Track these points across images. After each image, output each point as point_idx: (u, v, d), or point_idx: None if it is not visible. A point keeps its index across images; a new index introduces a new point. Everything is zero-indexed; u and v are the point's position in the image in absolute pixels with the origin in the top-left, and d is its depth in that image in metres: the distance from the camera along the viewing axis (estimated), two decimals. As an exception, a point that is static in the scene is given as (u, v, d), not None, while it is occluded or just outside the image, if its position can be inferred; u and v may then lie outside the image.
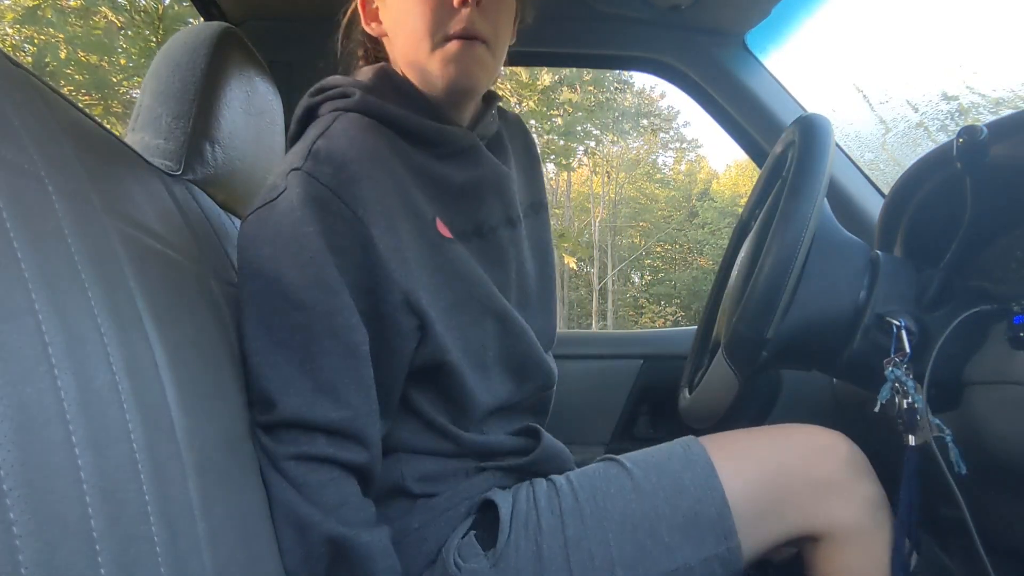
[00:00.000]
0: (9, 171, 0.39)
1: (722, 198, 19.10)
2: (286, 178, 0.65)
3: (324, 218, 0.63)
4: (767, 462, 0.71)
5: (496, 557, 0.65)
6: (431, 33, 0.69)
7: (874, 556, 0.69)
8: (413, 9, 0.70)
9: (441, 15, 0.69)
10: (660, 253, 19.54)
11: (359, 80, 0.75)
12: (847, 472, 0.71)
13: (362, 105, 0.71)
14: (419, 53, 0.71)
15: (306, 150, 0.66)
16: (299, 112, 0.75)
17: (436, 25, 0.69)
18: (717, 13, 1.28)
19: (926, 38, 10.37)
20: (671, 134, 20.49)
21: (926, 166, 0.84)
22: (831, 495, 0.70)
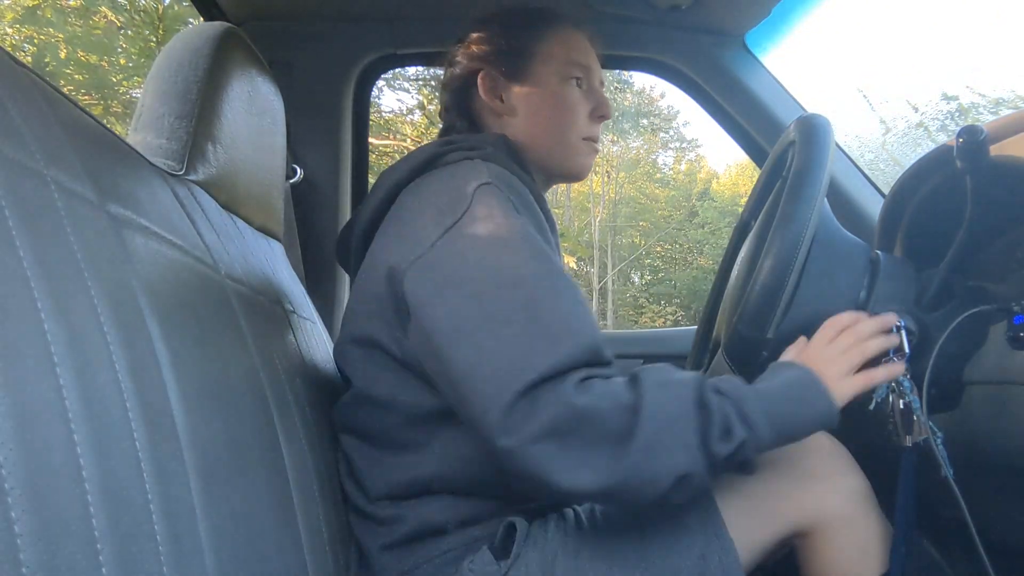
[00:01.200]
0: (11, 169, 0.39)
1: (722, 198, 19.10)
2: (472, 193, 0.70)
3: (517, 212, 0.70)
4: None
5: (507, 566, 0.68)
6: (575, 132, 0.88)
7: (863, 545, 0.72)
8: (562, 109, 0.87)
9: (583, 121, 0.88)
10: (660, 253, 19.54)
11: (484, 139, 0.84)
12: (830, 465, 0.74)
13: (494, 158, 0.78)
14: (557, 142, 0.88)
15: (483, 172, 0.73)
16: (424, 155, 0.80)
17: (580, 128, 0.88)
18: (717, 13, 1.28)
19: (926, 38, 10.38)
20: (671, 134, 20.50)
21: (926, 166, 0.84)
22: (817, 488, 0.73)
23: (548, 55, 0.87)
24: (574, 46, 0.89)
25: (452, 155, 0.79)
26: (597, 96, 0.90)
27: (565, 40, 0.89)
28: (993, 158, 0.68)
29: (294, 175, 1.35)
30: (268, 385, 0.67)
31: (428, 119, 7.99)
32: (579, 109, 0.87)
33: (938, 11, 10.50)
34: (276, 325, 0.79)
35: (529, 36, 0.88)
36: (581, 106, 0.88)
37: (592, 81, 0.90)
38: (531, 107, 0.87)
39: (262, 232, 0.94)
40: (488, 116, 0.89)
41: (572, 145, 0.88)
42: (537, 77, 0.87)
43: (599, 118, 0.89)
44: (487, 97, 0.88)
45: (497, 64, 0.88)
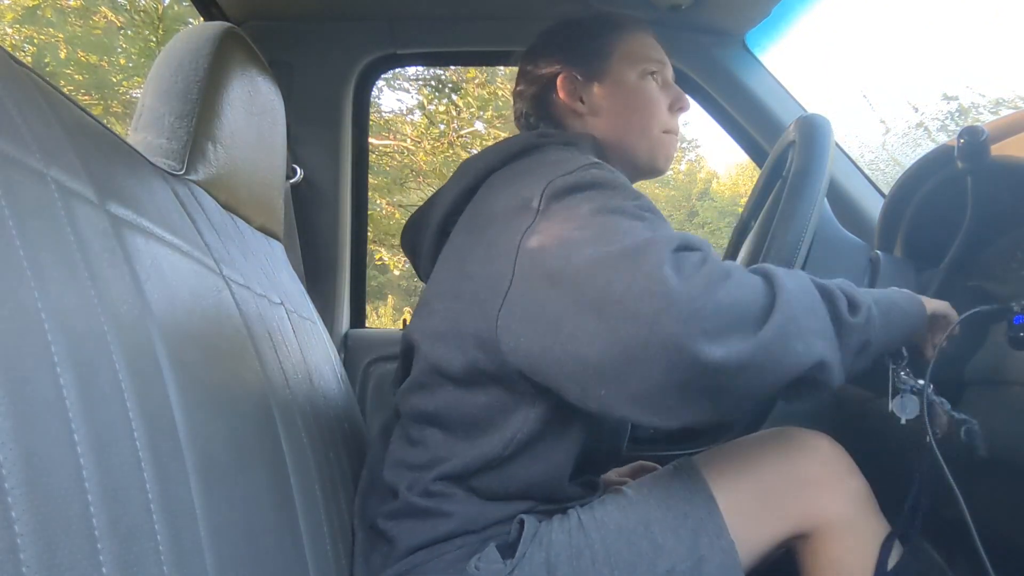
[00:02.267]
0: (11, 168, 0.39)
1: (722, 198, 19.08)
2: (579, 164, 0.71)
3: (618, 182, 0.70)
4: (751, 466, 0.75)
5: (513, 565, 0.68)
6: (657, 125, 0.89)
7: (862, 548, 0.72)
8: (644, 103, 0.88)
9: (664, 114, 0.89)
10: (660, 253, 19.49)
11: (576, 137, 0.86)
12: (829, 468, 0.74)
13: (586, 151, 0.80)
14: (640, 136, 0.89)
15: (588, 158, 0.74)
16: (518, 144, 0.81)
17: (661, 121, 0.89)
18: (717, 13, 1.28)
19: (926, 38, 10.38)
20: (671, 134, 20.47)
21: (926, 166, 0.84)
22: (817, 491, 0.73)
23: (625, 53, 0.89)
24: (647, 44, 0.91)
25: (549, 147, 0.80)
26: (674, 89, 0.92)
27: (638, 39, 0.91)
28: (993, 158, 0.68)
29: (294, 175, 1.35)
30: (268, 385, 0.67)
31: (428, 119, 8.00)
32: (659, 103, 0.90)
33: (938, 11, 10.49)
34: (276, 325, 0.79)
35: (604, 37, 0.90)
36: (661, 100, 0.90)
37: (667, 75, 0.92)
38: (613, 105, 0.88)
39: (262, 232, 0.94)
40: (570, 118, 0.90)
41: (656, 138, 0.89)
42: (616, 75, 0.89)
43: (678, 110, 0.91)
44: (568, 99, 0.89)
45: (576, 66, 0.90)
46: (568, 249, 0.62)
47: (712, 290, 0.56)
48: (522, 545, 0.69)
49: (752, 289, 0.59)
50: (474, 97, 7.21)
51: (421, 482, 0.73)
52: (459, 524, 0.72)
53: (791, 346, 0.58)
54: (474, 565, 0.69)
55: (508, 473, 0.72)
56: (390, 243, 7.43)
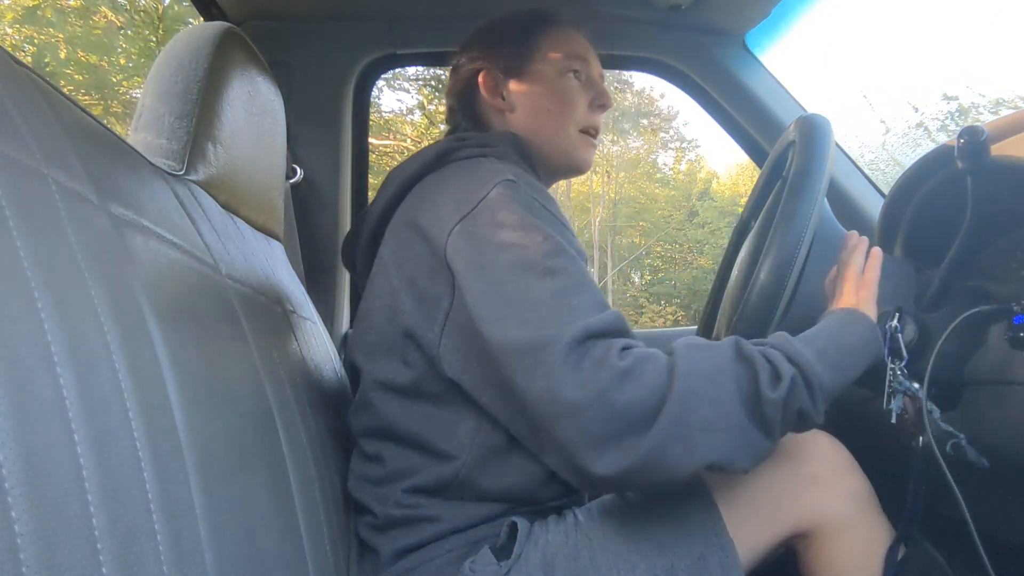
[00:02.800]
0: (11, 168, 0.39)
1: (722, 198, 19.08)
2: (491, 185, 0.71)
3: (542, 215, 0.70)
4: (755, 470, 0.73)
5: (508, 566, 0.68)
6: (574, 123, 0.89)
7: (864, 547, 0.72)
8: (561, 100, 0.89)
9: (582, 111, 0.90)
10: (660, 253, 19.52)
11: (494, 138, 0.86)
12: (830, 466, 0.74)
13: (502, 155, 0.80)
14: (557, 134, 0.89)
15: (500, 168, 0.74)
16: (435, 151, 0.82)
17: (579, 118, 0.89)
18: (717, 13, 1.28)
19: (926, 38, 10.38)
20: (671, 134, 20.48)
21: (926, 166, 0.84)
22: (817, 489, 0.72)
23: (545, 50, 0.90)
24: (570, 41, 0.91)
25: (464, 151, 0.80)
26: (596, 86, 0.92)
27: (561, 36, 0.91)
28: (994, 158, 0.68)
29: (294, 175, 1.35)
30: (268, 384, 0.67)
31: (428, 119, 8.00)
32: (578, 100, 0.90)
33: (938, 11, 10.47)
34: (276, 325, 0.79)
35: (527, 35, 0.91)
36: (580, 97, 0.90)
37: (591, 72, 0.92)
38: (531, 101, 0.89)
39: (262, 232, 0.94)
40: (492, 114, 0.91)
41: (572, 137, 0.90)
42: (535, 72, 0.89)
43: (599, 107, 0.92)
44: (488, 95, 0.90)
45: (497, 62, 0.90)
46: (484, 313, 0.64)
47: (605, 396, 0.58)
48: (517, 546, 0.69)
49: (648, 388, 0.59)
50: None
51: (391, 496, 0.73)
52: (444, 526, 0.72)
53: (671, 451, 0.58)
54: (468, 567, 0.69)
55: (479, 482, 0.72)
56: (390, 243, 7.39)
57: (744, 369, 0.61)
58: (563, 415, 0.59)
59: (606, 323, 0.62)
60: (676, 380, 0.59)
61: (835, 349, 0.66)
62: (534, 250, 0.66)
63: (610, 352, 0.60)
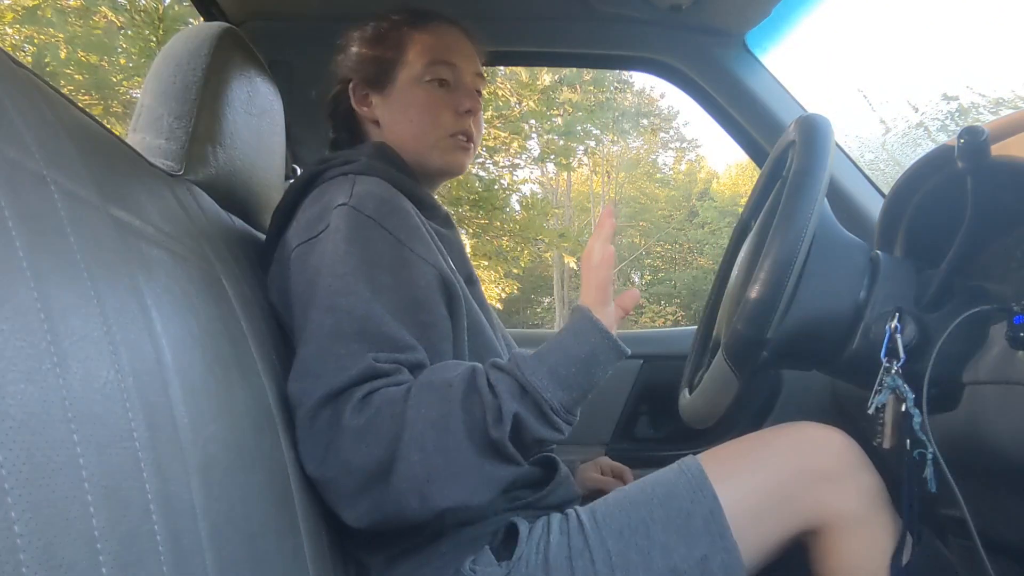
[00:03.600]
0: (11, 169, 0.39)
1: (722, 198, 19.08)
2: (331, 213, 0.73)
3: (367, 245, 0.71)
4: (761, 462, 0.74)
5: (509, 567, 0.68)
6: (439, 130, 0.88)
7: (875, 544, 0.71)
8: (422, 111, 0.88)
9: (447, 119, 0.88)
10: (660, 253, 19.53)
11: (359, 151, 0.85)
12: (842, 463, 0.73)
13: (369, 169, 0.80)
14: (423, 143, 0.88)
15: (348, 191, 0.75)
16: (301, 179, 0.83)
17: (444, 126, 0.88)
18: (717, 13, 1.28)
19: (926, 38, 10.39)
20: (671, 134, 20.48)
21: (926, 166, 0.84)
22: (828, 486, 0.72)
23: (409, 60, 0.89)
24: (439, 45, 0.89)
25: (328, 172, 0.81)
26: (460, 93, 0.89)
27: (428, 40, 0.89)
28: (994, 158, 0.68)
29: (294, 175, 1.35)
30: (268, 384, 0.67)
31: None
32: (441, 108, 0.88)
33: (938, 11, 10.47)
34: (275, 325, 0.79)
35: (390, 43, 0.90)
36: (443, 104, 0.88)
37: (460, 76, 0.90)
38: (394, 113, 0.89)
39: (261, 232, 0.94)
40: (365, 124, 0.92)
41: (438, 144, 0.89)
42: (397, 83, 0.89)
43: (465, 113, 0.89)
44: (357, 107, 0.91)
45: (362, 74, 0.90)
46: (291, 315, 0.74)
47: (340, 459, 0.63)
48: (519, 547, 0.69)
49: (381, 445, 0.63)
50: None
51: None
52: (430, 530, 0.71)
53: (407, 504, 0.63)
54: (469, 567, 0.69)
55: None
56: (390, 243, 7.39)
57: (473, 409, 0.64)
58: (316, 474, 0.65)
59: (352, 376, 0.65)
60: (405, 431, 0.62)
61: (567, 365, 0.66)
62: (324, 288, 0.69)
63: (344, 410, 0.64)
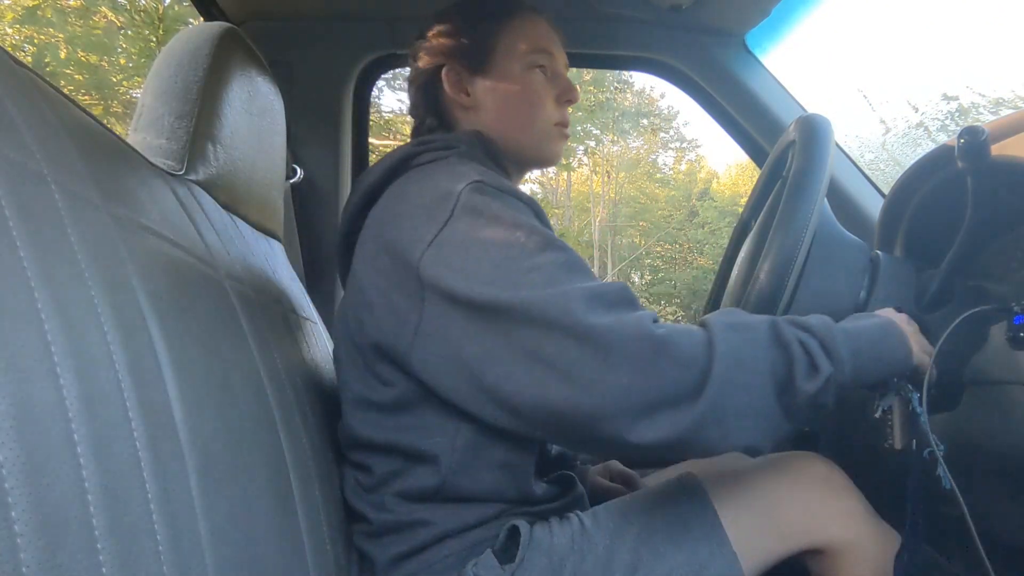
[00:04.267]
0: (12, 169, 0.39)
1: (722, 198, 19.07)
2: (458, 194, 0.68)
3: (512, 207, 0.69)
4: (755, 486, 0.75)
5: (512, 570, 0.68)
6: (544, 119, 0.87)
7: (872, 563, 0.72)
8: (527, 98, 0.86)
9: (551, 107, 0.88)
10: (660, 253, 19.52)
11: (457, 138, 0.83)
12: (827, 491, 0.74)
13: (468, 155, 0.79)
14: (527, 132, 0.87)
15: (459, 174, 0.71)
16: (397, 156, 0.80)
17: (549, 114, 0.87)
18: (717, 13, 1.28)
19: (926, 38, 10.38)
20: (671, 134, 20.47)
21: (926, 166, 0.84)
22: (817, 513, 0.73)
23: (510, 45, 0.87)
24: (535, 33, 0.88)
25: (425, 155, 0.79)
26: (562, 81, 0.89)
27: (526, 28, 0.88)
28: (994, 158, 0.68)
29: (294, 175, 1.35)
30: (268, 384, 0.67)
31: (428, 119, 8.00)
32: (544, 96, 0.87)
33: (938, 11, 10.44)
34: (276, 324, 0.79)
35: (489, 28, 0.88)
36: (547, 93, 0.88)
37: (556, 66, 0.90)
38: (497, 99, 0.87)
39: (262, 232, 0.94)
40: (456, 111, 0.88)
41: (542, 132, 0.88)
42: (500, 69, 0.87)
43: (566, 102, 0.89)
44: (452, 92, 0.87)
45: (460, 59, 0.87)
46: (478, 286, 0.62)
47: (644, 368, 0.57)
48: (521, 549, 0.69)
49: (687, 366, 0.58)
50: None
51: (384, 501, 0.73)
52: (437, 530, 0.71)
53: (707, 433, 0.58)
54: (471, 572, 0.69)
55: (465, 483, 0.71)
56: (390, 243, 7.40)
57: (780, 356, 0.61)
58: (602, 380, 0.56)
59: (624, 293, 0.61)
60: (715, 363, 0.58)
61: (869, 354, 0.65)
62: (519, 248, 0.64)
63: (643, 320, 0.59)
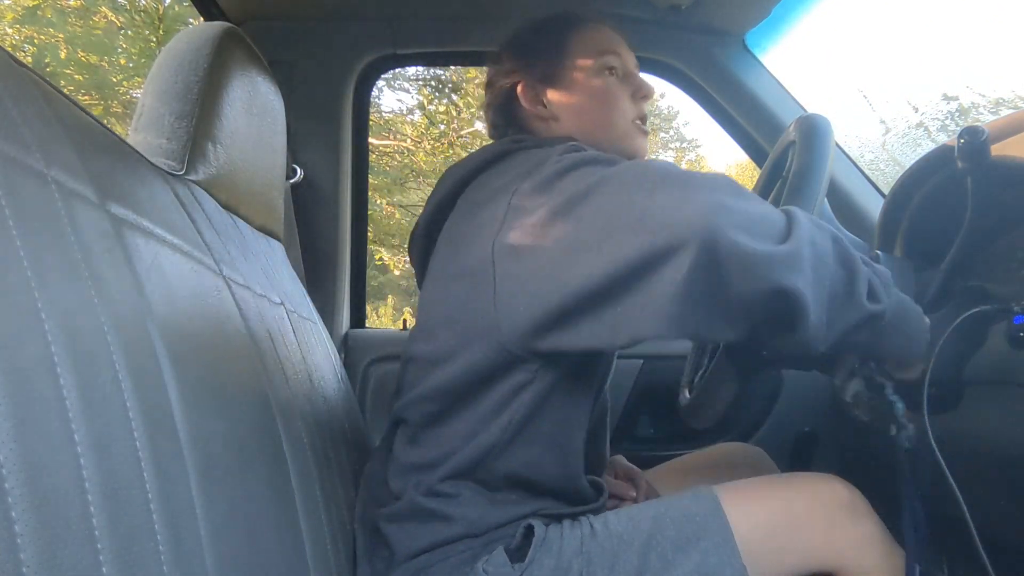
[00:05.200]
0: (11, 168, 0.39)
1: (722, 198, 19.04)
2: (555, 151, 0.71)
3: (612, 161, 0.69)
4: (770, 503, 0.75)
5: (521, 569, 0.68)
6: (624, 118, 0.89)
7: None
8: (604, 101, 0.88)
9: (627, 105, 0.90)
10: (660, 253, 19.49)
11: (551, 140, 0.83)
12: (846, 515, 0.74)
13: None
14: (611, 132, 0.89)
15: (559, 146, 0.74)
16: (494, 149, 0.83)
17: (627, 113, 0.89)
18: (717, 13, 1.28)
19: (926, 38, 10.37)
20: (671, 134, 20.45)
21: (926, 166, 0.84)
22: (834, 538, 0.73)
23: (578, 53, 0.90)
24: (602, 38, 0.91)
25: (522, 150, 0.81)
26: (634, 79, 0.92)
27: (591, 35, 0.91)
28: (994, 158, 0.68)
29: (294, 175, 1.35)
30: (269, 385, 0.67)
31: (428, 119, 8.01)
32: (620, 97, 0.90)
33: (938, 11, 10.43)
34: (276, 325, 0.79)
35: (558, 40, 0.91)
36: (621, 93, 0.90)
37: (627, 66, 0.92)
38: (575, 106, 0.89)
39: (262, 232, 0.94)
40: (536, 124, 0.91)
41: (623, 131, 0.90)
42: (573, 77, 0.89)
43: (642, 99, 0.91)
44: (529, 106, 0.90)
45: (533, 72, 0.90)
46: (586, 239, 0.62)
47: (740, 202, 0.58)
48: (532, 551, 0.69)
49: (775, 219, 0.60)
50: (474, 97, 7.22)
51: (427, 483, 0.74)
52: (461, 528, 0.71)
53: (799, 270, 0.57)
54: (482, 568, 0.69)
55: (511, 460, 0.72)
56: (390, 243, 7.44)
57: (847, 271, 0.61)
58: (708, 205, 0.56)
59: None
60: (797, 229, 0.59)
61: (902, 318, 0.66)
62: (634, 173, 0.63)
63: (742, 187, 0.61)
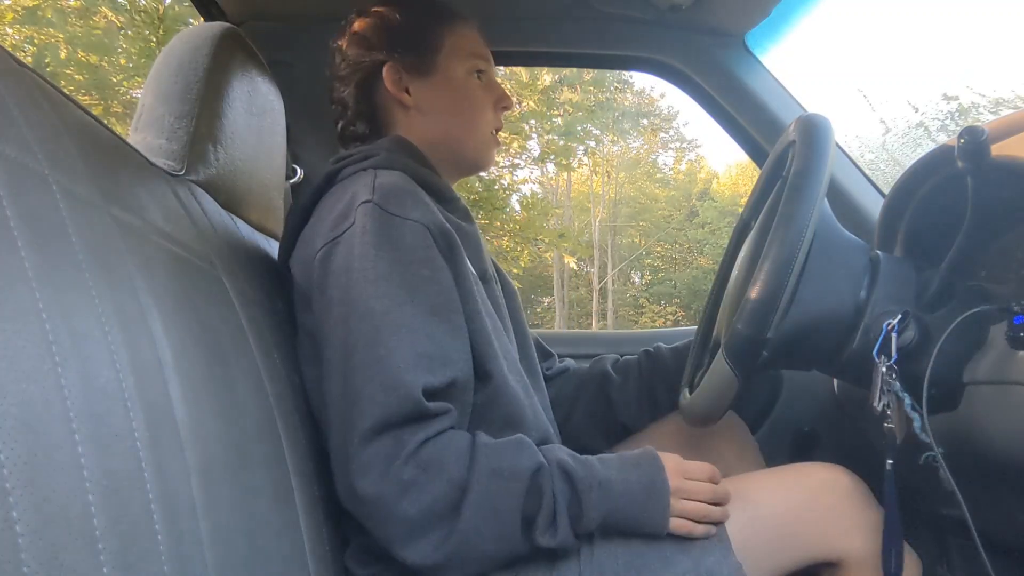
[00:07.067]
0: (13, 169, 0.39)
1: (722, 198, 19.08)
2: (355, 211, 0.71)
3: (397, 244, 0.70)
4: (769, 496, 0.75)
5: (515, 571, 0.68)
6: (484, 124, 0.88)
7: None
8: (468, 102, 0.87)
9: (489, 113, 0.89)
10: (660, 253, 19.54)
11: (378, 146, 0.82)
12: (850, 503, 0.73)
13: (387, 162, 0.78)
14: (466, 135, 0.88)
15: (370, 186, 0.72)
16: (321, 178, 0.81)
17: (488, 120, 0.88)
18: (717, 13, 1.28)
19: (926, 38, 10.39)
20: (671, 134, 20.47)
21: (926, 166, 0.84)
22: (837, 526, 0.72)
23: (453, 48, 0.87)
24: (473, 40, 0.89)
25: (347, 169, 0.79)
26: (497, 88, 0.90)
27: (465, 34, 0.88)
28: (994, 158, 0.68)
29: (294, 175, 1.35)
30: (269, 384, 0.67)
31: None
32: (486, 102, 0.88)
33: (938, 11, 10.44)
34: (276, 324, 0.79)
35: (435, 29, 0.87)
36: (486, 99, 0.88)
37: (491, 73, 0.90)
38: (440, 102, 0.86)
39: (262, 232, 0.94)
40: (395, 110, 0.87)
41: (482, 138, 0.89)
42: (443, 71, 0.86)
43: (503, 109, 0.90)
44: (394, 90, 0.85)
45: (403, 56, 0.85)
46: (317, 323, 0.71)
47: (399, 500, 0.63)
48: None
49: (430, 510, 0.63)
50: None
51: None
52: None
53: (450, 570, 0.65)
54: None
55: None
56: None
57: (532, 503, 0.65)
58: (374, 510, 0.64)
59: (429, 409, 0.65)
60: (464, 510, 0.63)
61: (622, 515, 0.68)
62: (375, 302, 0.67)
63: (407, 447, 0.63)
